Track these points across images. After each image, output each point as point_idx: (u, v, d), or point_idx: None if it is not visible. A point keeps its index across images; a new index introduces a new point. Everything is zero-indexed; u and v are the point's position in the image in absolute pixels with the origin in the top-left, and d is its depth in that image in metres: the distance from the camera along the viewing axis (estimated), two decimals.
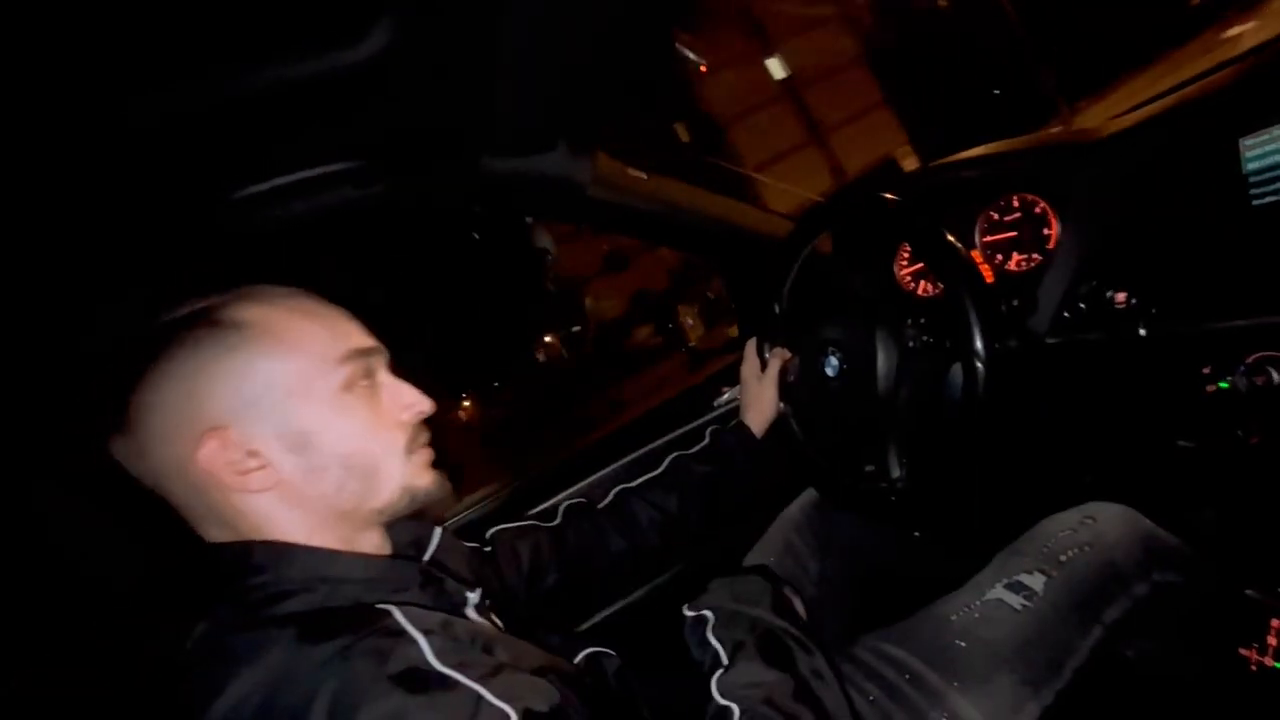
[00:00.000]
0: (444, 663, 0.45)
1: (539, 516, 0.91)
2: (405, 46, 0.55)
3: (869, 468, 0.98)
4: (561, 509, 0.92)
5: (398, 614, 0.48)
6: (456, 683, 0.44)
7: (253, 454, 0.51)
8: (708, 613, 0.65)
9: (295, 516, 0.54)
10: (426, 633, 0.47)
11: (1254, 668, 0.66)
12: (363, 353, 0.57)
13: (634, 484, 0.96)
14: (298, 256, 0.88)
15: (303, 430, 0.53)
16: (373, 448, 0.56)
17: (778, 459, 1.02)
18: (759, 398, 1.01)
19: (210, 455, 0.50)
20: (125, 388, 0.51)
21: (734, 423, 1.02)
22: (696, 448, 1.00)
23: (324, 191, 0.72)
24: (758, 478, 0.99)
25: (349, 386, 0.55)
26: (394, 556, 0.60)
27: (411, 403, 0.60)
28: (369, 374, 0.58)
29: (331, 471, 0.54)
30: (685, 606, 0.68)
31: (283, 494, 0.53)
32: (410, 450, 0.59)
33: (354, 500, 0.56)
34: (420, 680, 0.43)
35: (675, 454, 1.00)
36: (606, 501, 0.94)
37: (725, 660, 0.61)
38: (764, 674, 0.59)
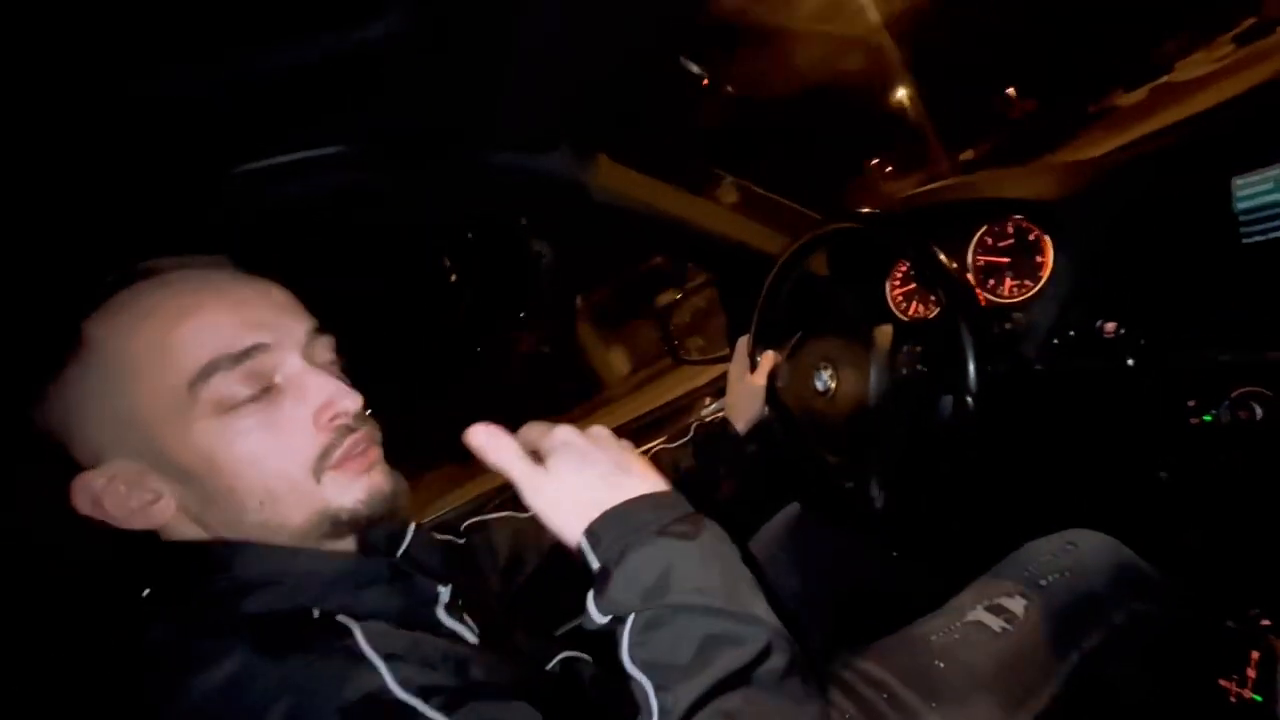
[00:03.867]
0: (406, 690, 0.42)
1: (517, 509, 0.88)
2: (418, 30, 0.54)
3: (848, 484, 0.98)
4: None
5: (359, 635, 0.45)
6: (414, 712, 0.41)
7: (143, 486, 0.47)
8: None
9: (228, 534, 0.49)
10: (389, 658, 0.44)
11: (1233, 699, 0.67)
12: (235, 358, 0.46)
13: None
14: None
15: (179, 464, 0.46)
16: (267, 476, 0.47)
17: (759, 459, 1.02)
18: (746, 398, 1.01)
19: (95, 498, 0.46)
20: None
21: (718, 418, 1.02)
22: (678, 442, 1.00)
23: (323, 174, 0.71)
24: (738, 474, 0.99)
25: (224, 406, 0.46)
26: (362, 552, 0.57)
27: (324, 404, 0.49)
28: (259, 378, 0.47)
29: (232, 497, 0.47)
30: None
31: (196, 516, 0.48)
32: (322, 468, 0.49)
33: (266, 529, 0.48)
34: (375, 710, 0.41)
35: (657, 447, 0.99)
36: None
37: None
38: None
